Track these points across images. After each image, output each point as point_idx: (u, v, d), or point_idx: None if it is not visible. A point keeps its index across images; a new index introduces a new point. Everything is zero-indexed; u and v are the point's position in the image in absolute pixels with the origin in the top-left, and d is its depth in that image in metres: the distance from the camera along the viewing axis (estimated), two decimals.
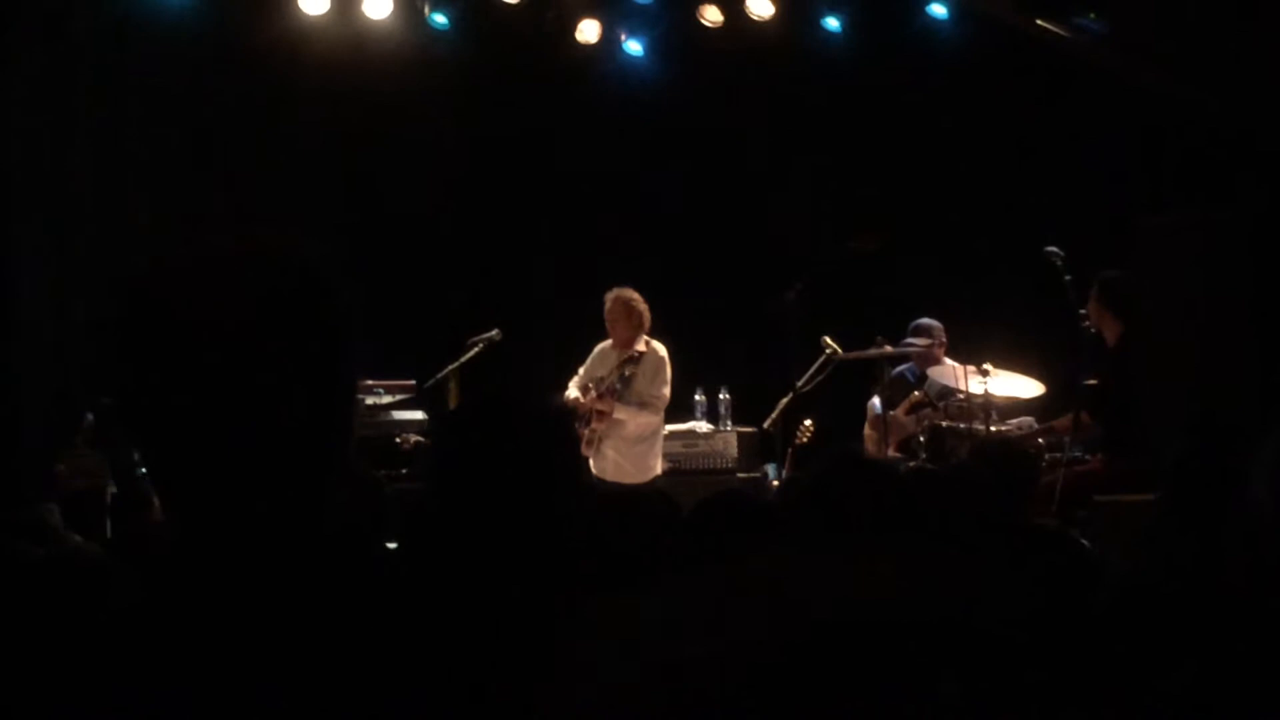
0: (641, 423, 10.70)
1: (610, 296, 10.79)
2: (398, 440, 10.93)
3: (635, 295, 10.79)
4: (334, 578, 1.72)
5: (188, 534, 1.72)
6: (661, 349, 10.77)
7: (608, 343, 10.90)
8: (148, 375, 1.71)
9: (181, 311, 1.71)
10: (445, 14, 12.66)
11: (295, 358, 1.71)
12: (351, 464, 2.64)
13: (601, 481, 10.37)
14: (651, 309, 11.15)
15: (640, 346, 10.71)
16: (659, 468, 10.77)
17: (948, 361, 10.68)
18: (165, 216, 11.92)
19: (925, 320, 11.05)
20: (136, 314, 1.73)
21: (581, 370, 10.98)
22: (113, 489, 8.94)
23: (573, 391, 10.87)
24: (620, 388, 10.60)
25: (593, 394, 10.66)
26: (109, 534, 8.78)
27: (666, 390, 10.73)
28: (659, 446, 10.88)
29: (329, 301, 1.76)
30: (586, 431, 10.59)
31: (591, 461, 10.56)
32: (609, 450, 10.65)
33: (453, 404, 10.75)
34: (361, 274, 12.42)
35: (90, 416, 9.48)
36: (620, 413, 10.59)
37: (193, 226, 11.86)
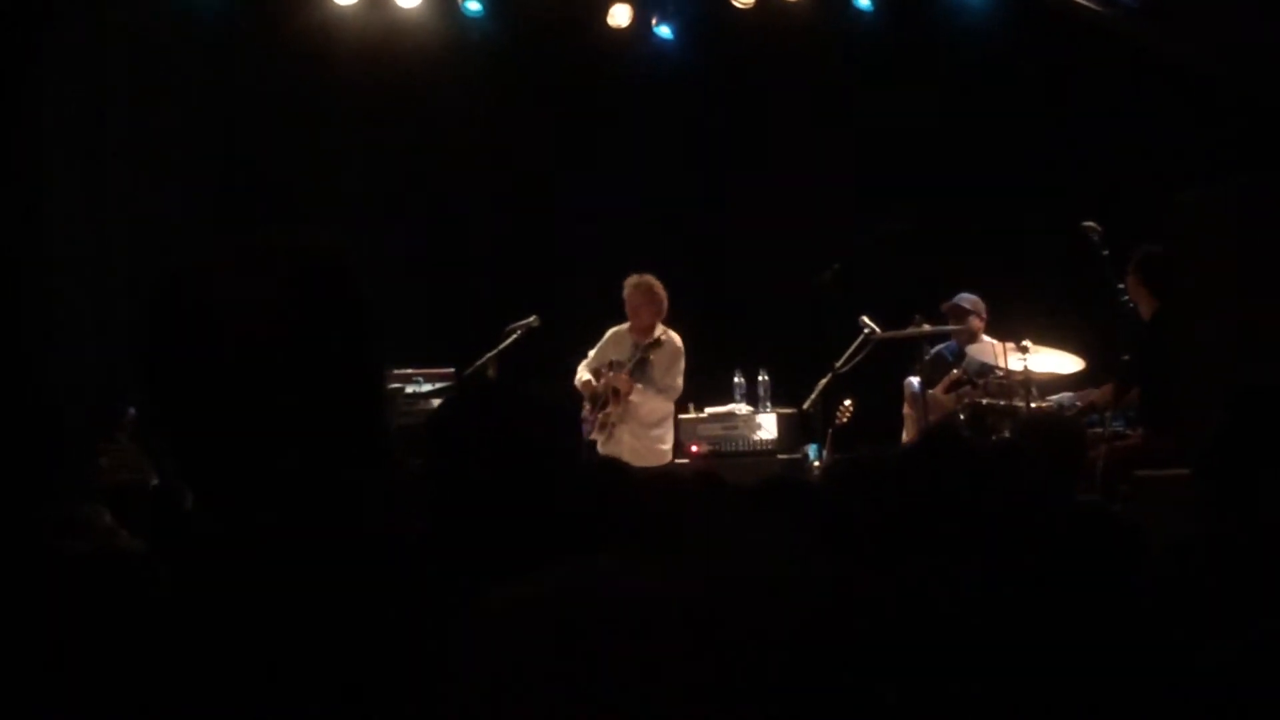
0: (655, 407, 10.75)
1: (632, 282, 10.82)
2: None
3: (656, 281, 10.81)
4: (372, 571, 1.72)
5: (219, 529, 1.73)
6: (678, 339, 10.80)
7: (622, 326, 10.94)
8: (177, 372, 1.72)
9: (209, 309, 1.71)
10: None
11: (323, 351, 1.72)
12: (390, 455, 2.64)
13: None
14: (689, 292, 11.15)
15: (658, 333, 10.74)
16: (670, 453, 10.83)
17: (986, 338, 10.65)
18: (201, 208, 11.98)
19: (965, 295, 11.01)
20: (164, 312, 1.74)
21: (592, 353, 11.01)
22: (155, 482, 8.98)
23: (585, 375, 10.91)
24: (637, 372, 10.65)
25: (612, 375, 10.69)
26: (151, 528, 8.82)
27: (681, 380, 10.82)
28: (671, 431, 10.94)
29: (354, 294, 1.77)
30: (600, 415, 10.64)
31: (601, 445, 10.59)
32: (624, 435, 10.69)
33: None
34: (398, 262, 12.49)
35: (133, 410, 9.52)
36: (636, 395, 10.62)
37: (228, 218, 11.92)
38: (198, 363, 1.70)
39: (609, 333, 11.01)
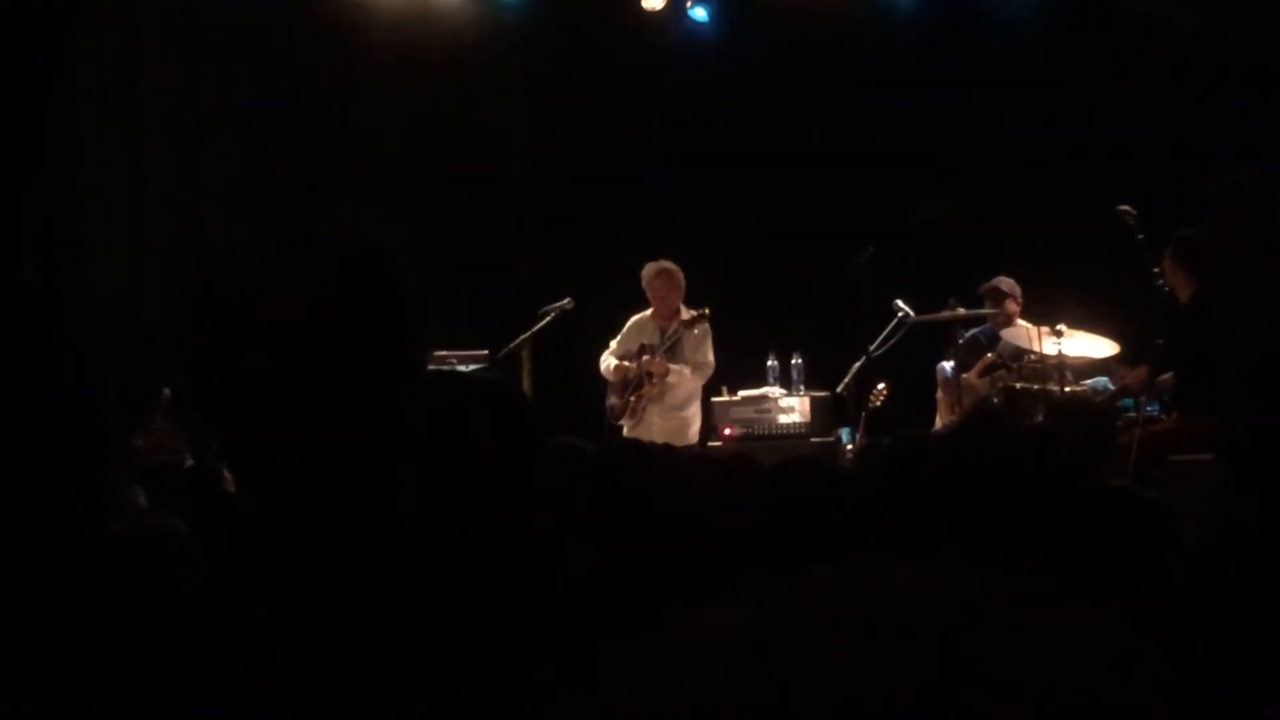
0: (691, 388, 10.82)
1: (652, 270, 10.84)
2: None
3: (673, 265, 10.83)
4: (406, 553, 1.74)
5: (261, 511, 1.75)
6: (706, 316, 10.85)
7: (644, 314, 10.96)
8: (220, 358, 1.74)
9: (250, 297, 1.74)
10: None
11: (362, 339, 1.74)
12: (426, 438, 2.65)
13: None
14: (723, 274, 11.15)
15: (687, 315, 10.77)
16: (697, 435, 10.89)
17: (1021, 322, 10.62)
18: (238, 192, 12.02)
19: (1003, 277, 10.99)
20: (208, 300, 1.77)
21: (614, 344, 11.03)
22: (190, 464, 9.02)
23: (613, 361, 10.94)
24: (671, 355, 10.69)
25: (646, 359, 10.70)
26: (187, 509, 8.85)
27: (713, 356, 10.82)
28: (699, 412, 11.01)
29: (392, 283, 1.79)
30: (632, 399, 10.69)
31: (629, 429, 10.64)
32: (654, 416, 10.73)
33: (526, 373, 10.81)
34: (433, 245, 12.52)
35: (168, 392, 9.57)
36: (673, 376, 10.67)
37: (265, 203, 11.96)
38: (239, 350, 1.73)
39: (631, 321, 11.03)
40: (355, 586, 1.69)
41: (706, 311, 10.74)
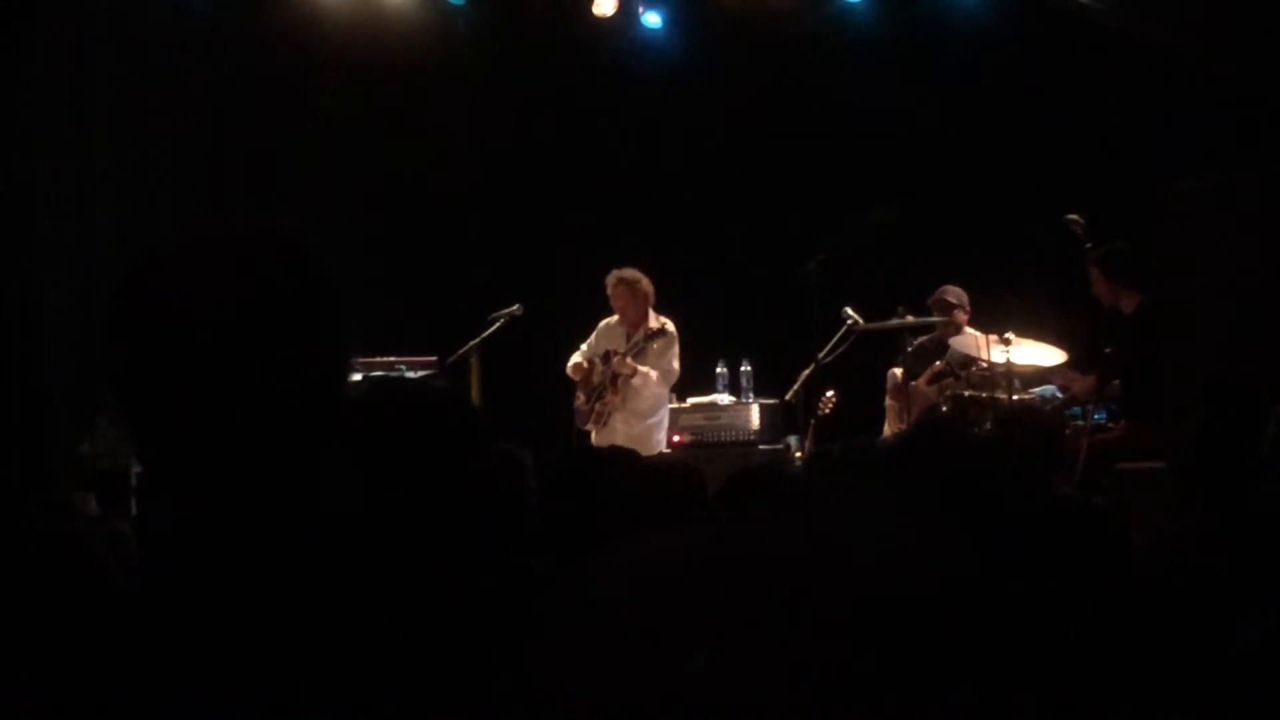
0: (656, 393, 10.84)
1: (612, 281, 10.88)
2: None
3: (635, 273, 10.84)
4: (330, 557, 1.72)
5: (182, 516, 1.73)
6: (671, 325, 10.84)
7: (613, 319, 10.97)
8: (138, 362, 1.72)
9: (170, 298, 1.72)
10: None
11: (285, 340, 1.72)
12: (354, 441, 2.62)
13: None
14: (673, 281, 11.15)
15: (654, 323, 10.78)
16: (664, 443, 10.90)
17: (969, 330, 10.65)
18: (187, 194, 11.97)
19: (949, 287, 11.02)
20: (127, 302, 1.75)
21: (585, 346, 11.05)
22: (137, 469, 8.95)
23: (578, 359, 10.97)
24: (636, 358, 10.70)
25: (618, 359, 10.71)
26: (134, 513, 8.79)
27: (677, 365, 10.86)
28: (665, 421, 11.01)
29: (313, 280, 1.76)
30: (598, 406, 10.70)
31: (596, 436, 10.64)
32: (619, 424, 10.74)
33: (475, 379, 10.79)
34: (382, 250, 12.49)
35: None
36: (638, 379, 10.69)
37: (214, 204, 11.91)
38: (157, 353, 1.71)
39: (600, 325, 11.06)
40: (284, 585, 1.67)
41: (670, 328, 10.77)
